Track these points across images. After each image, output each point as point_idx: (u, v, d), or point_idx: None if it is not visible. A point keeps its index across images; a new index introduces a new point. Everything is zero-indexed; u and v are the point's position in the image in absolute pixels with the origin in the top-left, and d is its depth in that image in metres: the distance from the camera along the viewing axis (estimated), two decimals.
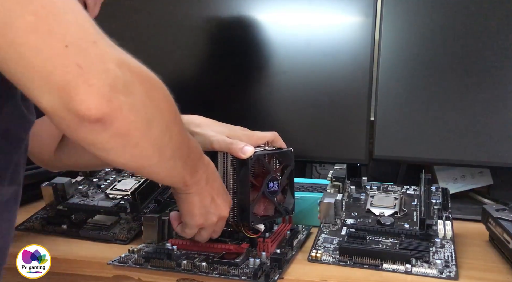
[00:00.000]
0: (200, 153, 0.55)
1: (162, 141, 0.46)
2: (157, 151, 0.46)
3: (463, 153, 0.86)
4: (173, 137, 0.47)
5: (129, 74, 0.40)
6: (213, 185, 0.57)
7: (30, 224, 0.75)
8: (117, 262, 0.60)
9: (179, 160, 0.50)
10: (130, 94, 0.40)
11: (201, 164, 0.55)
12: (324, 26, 0.95)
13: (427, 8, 0.90)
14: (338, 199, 0.69)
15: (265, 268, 0.56)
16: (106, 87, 0.38)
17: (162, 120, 0.45)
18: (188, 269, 0.58)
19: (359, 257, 0.60)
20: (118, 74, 0.39)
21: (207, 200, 0.57)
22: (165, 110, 0.45)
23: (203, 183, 0.56)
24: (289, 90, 0.95)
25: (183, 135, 0.50)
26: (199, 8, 1.00)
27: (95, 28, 0.39)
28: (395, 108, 0.90)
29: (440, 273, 0.57)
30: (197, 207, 0.57)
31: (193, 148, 0.53)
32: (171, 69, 1.01)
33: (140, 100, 0.41)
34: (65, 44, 0.36)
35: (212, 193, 0.57)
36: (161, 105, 0.44)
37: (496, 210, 0.67)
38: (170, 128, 0.46)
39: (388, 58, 0.91)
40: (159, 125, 0.44)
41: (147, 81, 0.43)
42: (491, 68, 0.87)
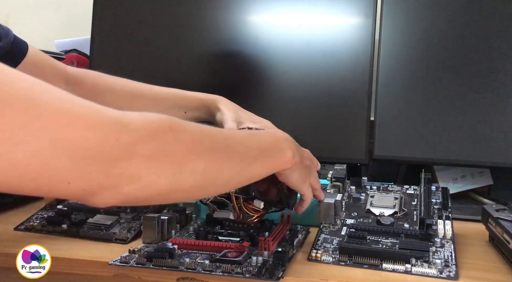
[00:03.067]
0: (264, 140, 0.54)
1: (210, 176, 0.45)
2: (211, 183, 0.46)
3: (463, 153, 0.86)
4: (222, 166, 0.46)
5: (140, 160, 0.39)
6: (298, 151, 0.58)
7: (30, 224, 0.75)
8: (119, 262, 0.60)
9: (248, 163, 0.50)
10: (147, 177, 0.39)
11: (273, 145, 0.55)
12: (324, 26, 0.95)
13: (427, 9, 0.91)
14: (337, 199, 0.69)
15: (269, 266, 0.56)
16: (116, 195, 0.38)
17: (197, 167, 0.44)
18: (191, 268, 0.58)
19: (359, 257, 0.60)
20: (123, 172, 0.38)
21: (299, 161, 0.58)
22: (196, 158, 0.44)
23: (293, 155, 0.56)
24: (289, 90, 0.95)
25: (233, 150, 0.49)
26: (200, 9, 1.00)
27: (93, 139, 0.36)
28: (395, 108, 0.90)
29: (440, 273, 0.56)
30: (299, 172, 0.58)
31: (253, 145, 0.52)
32: (171, 69, 1.01)
33: (164, 170, 0.40)
34: (68, 182, 0.36)
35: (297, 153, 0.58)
36: (188, 156, 0.43)
37: (496, 210, 0.67)
38: (213, 164, 0.45)
39: (388, 58, 0.91)
40: (197, 171, 0.43)
41: (163, 148, 0.41)
42: (491, 68, 0.87)
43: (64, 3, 1.32)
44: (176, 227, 0.71)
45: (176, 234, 0.70)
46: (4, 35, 0.72)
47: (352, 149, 0.92)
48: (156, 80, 1.00)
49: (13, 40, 0.73)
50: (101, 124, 0.36)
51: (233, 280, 0.56)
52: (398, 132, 0.90)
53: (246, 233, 0.66)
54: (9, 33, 0.74)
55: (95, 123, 0.36)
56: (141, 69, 1.02)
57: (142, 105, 0.81)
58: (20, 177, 0.33)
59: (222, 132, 0.50)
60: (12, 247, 0.65)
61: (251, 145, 0.52)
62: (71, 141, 0.34)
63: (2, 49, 0.71)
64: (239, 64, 0.98)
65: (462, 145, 0.87)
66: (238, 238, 0.66)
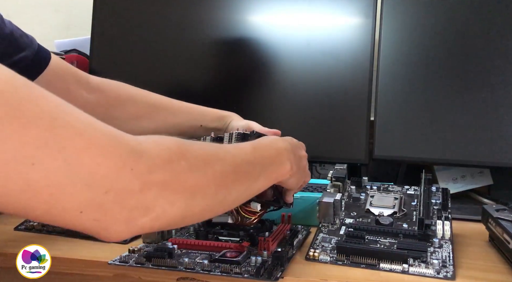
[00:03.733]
0: (263, 155, 0.55)
1: (219, 199, 0.46)
2: (220, 204, 0.47)
3: (463, 153, 0.86)
4: (230, 187, 0.47)
5: (154, 191, 0.38)
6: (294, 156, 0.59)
7: (30, 224, 0.75)
8: (118, 262, 0.60)
9: (253, 180, 0.51)
10: (161, 207, 0.39)
11: (275, 158, 0.56)
12: (324, 27, 0.96)
13: (427, 9, 0.91)
14: (337, 199, 0.69)
15: (267, 266, 0.56)
16: (131, 228, 0.38)
17: (208, 192, 0.44)
18: (190, 268, 0.58)
19: (357, 256, 0.60)
20: (138, 204, 0.37)
21: (296, 169, 0.59)
22: (208, 183, 0.44)
23: (291, 167, 0.57)
24: (289, 90, 0.95)
25: (238, 170, 0.49)
26: (200, 9, 1.00)
27: (108, 167, 0.35)
28: (395, 108, 0.90)
29: (437, 273, 0.56)
30: (295, 178, 0.60)
31: (258, 161, 0.53)
32: (171, 69, 1.01)
33: (177, 198, 0.40)
34: (80, 210, 0.35)
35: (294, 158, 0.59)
36: (200, 183, 0.43)
37: (496, 210, 0.67)
38: (222, 187, 0.46)
39: (388, 58, 0.91)
40: (208, 195, 0.44)
41: (175, 175, 0.41)
42: (491, 68, 0.87)
43: (64, 3, 1.33)
44: None
45: (176, 234, 0.70)
46: (29, 44, 0.73)
47: (352, 149, 0.92)
48: (156, 80, 1.01)
49: (37, 49, 0.74)
50: (117, 152, 0.36)
51: (232, 280, 0.56)
52: (398, 132, 0.90)
53: (246, 233, 0.66)
54: (33, 42, 0.74)
55: (111, 151, 0.36)
56: (141, 69, 1.02)
57: (161, 117, 0.83)
58: (33, 199, 0.33)
59: (230, 152, 0.49)
60: (12, 247, 0.65)
61: (256, 162, 0.52)
62: (87, 167, 0.34)
63: (26, 58, 0.72)
64: (239, 64, 0.98)
65: (462, 145, 0.87)
66: (238, 238, 0.66)
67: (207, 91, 1.01)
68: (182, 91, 1.00)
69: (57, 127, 0.33)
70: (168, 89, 0.97)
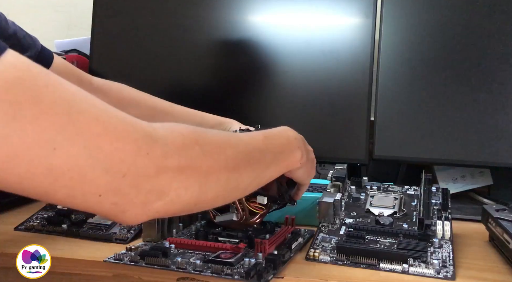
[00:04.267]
0: (273, 144, 0.55)
1: (232, 185, 0.47)
2: (232, 191, 0.48)
3: (463, 153, 0.86)
4: (242, 174, 0.48)
5: (169, 175, 0.39)
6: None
7: (30, 224, 0.75)
8: (113, 260, 0.61)
9: (264, 167, 0.52)
10: (176, 191, 0.40)
11: (286, 146, 0.56)
12: (324, 27, 0.95)
13: (427, 9, 0.90)
14: (337, 199, 0.69)
15: (259, 268, 0.56)
16: (147, 211, 0.39)
17: (221, 177, 0.45)
18: (182, 267, 0.58)
19: (357, 256, 0.60)
20: (154, 188, 0.38)
21: (305, 159, 0.60)
22: (221, 168, 0.45)
23: (301, 155, 0.58)
24: (289, 90, 0.95)
25: (249, 157, 0.49)
26: (200, 9, 1.00)
27: (125, 151, 0.36)
28: (395, 108, 0.90)
29: (437, 273, 0.56)
30: (305, 168, 0.60)
31: (269, 149, 0.53)
32: (171, 69, 1.01)
33: (192, 183, 0.41)
34: (99, 194, 0.36)
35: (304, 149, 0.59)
36: (213, 167, 0.44)
37: (496, 210, 0.67)
38: (235, 173, 0.46)
39: (388, 58, 0.91)
40: (221, 181, 0.45)
41: (189, 164, 0.41)
42: (491, 68, 0.87)
43: (64, 3, 1.32)
44: (178, 226, 0.71)
45: (177, 234, 0.70)
46: (32, 45, 0.74)
47: (352, 149, 0.92)
48: (156, 80, 1.01)
49: (40, 50, 0.74)
50: (133, 137, 0.37)
51: (223, 281, 0.56)
52: (398, 132, 0.90)
53: (245, 235, 0.66)
54: (36, 42, 0.75)
55: (127, 136, 0.36)
56: (141, 69, 1.02)
57: (162, 121, 0.83)
58: (55, 183, 0.34)
59: (242, 140, 0.50)
60: (12, 247, 0.65)
61: (267, 149, 0.53)
62: (105, 151, 0.35)
63: (30, 58, 0.72)
64: (239, 64, 0.98)
65: (462, 145, 0.86)
66: (237, 239, 0.66)
67: (207, 91, 1.01)
68: (182, 92, 1.01)
69: (74, 113, 0.34)
70: (168, 89, 0.97)
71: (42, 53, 0.74)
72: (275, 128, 0.60)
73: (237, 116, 0.95)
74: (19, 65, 0.33)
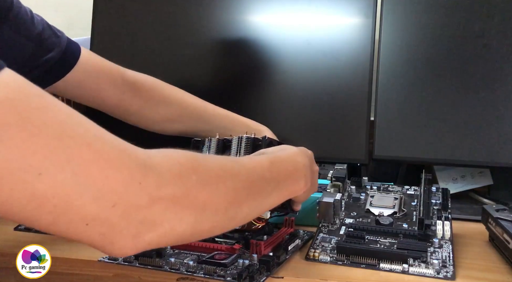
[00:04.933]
0: (274, 169, 0.52)
1: (230, 215, 0.45)
2: (230, 221, 0.45)
3: (463, 153, 0.86)
4: (242, 204, 0.46)
5: (163, 206, 0.37)
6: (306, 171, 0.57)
7: None
8: (108, 259, 0.61)
9: (266, 196, 0.50)
10: (169, 223, 0.38)
11: (291, 175, 0.54)
12: (324, 26, 0.95)
13: (427, 9, 0.90)
14: (337, 199, 0.69)
15: (251, 270, 0.55)
16: (137, 243, 0.37)
17: (219, 208, 0.43)
18: (175, 268, 0.58)
19: (357, 256, 0.60)
20: (145, 219, 0.36)
21: (309, 186, 0.58)
22: (219, 200, 0.42)
23: (305, 184, 0.57)
24: (289, 90, 0.95)
25: (251, 186, 0.47)
26: (200, 9, 1.00)
27: (116, 180, 0.34)
28: (395, 108, 0.90)
29: (437, 273, 0.57)
30: (307, 193, 0.59)
31: (273, 176, 0.51)
32: (171, 69, 1.01)
33: (186, 214, 0.39)
34: (86, 223, 0.34)
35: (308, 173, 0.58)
36: (210, 199, 0.41)
37: (496, 210, 0.67)
38: (234, 203, 0.44)
39: (388, 58, 0.91)
40: (218, 212, 0.42)
41: (189, 188, 0.39)
42: (491, 68, 0.87)
43: (64, 3, 1.32)
44: None
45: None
46: (57, 44, 0.72)
47: (352, 149, 0.92)
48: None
49: (65, 49, 0.73)
50: (126, 164, 0.35)
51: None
52: (398, 132, 0.90)
53: (242, 236, 0.65)
54: (62, 40, 0.73)
55: (119, 163, 0.35)
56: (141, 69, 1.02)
57: (193, 122, 0.83)
58: (39, 209, 0.32)
59: (245, 167, 0.48)
60: (12, 247, 0.65)
61: (271, 178, 0.51)
62: (94, 179, 0.33)
63: (53, 59, 0.71)
64: (239, 64, 0.98)
65: (462, 145, 0.86)
66: (234, 240, 0.65)
67: (207, 91, 1.00)
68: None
69: (65, 137, 0.33)
70: None
71: (66, 52, 0.72)
72: (283, 150, 0.58)
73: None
74: (13, 85, 0.32)
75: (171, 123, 0.83)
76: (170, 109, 0.82)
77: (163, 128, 0.84)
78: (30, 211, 0.33)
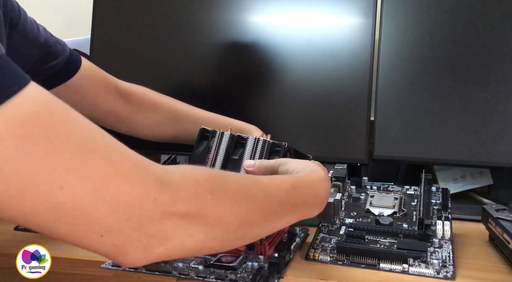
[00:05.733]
0: (291, 193, 0.51)
1: (240, 234, 0.45)
2: (240, 239, 0.46)
3: (463, 153, 0.86)
4: (254, 224, 0.46)
5: (175, 221, 0.38)
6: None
7: None
8: (110, 266, 0.60)
9: (279, 218, 0.49)
10: (180, 237, 0.39)
11: (309, 201, 0.54)
12: (324, 27, 0.95)
13: (427, 9, 0.90)
14: (337, 199, 0.69)
15: (263, 273, 0.55)
16: (148, 255, 0.38)
17: (230, 227, 0.43)
18: (184, 273, 0.57)
19: (357, 256, 0.60)
20: (157, 233, 0.37)
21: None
22: (232, 219, 0.43)
23: (319, 210, 0.56)
24: (289, 90, 0.95)
25: (265, 207, 0.47)
26: (200, 9, 1.00)
27: (132, 195, 0.35)
28: (395, 108, 0.90)
29: (437, 273, 0.57)
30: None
31: (291, 201, 0.50)
32: (171, 69, 1.01)
33: (198, 230, 0.40)
34: (101, 234, 0.35)
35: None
36: (224, 218, 0.42)
37: (496, 210, 0.67)
38: (246, 224, 0.44)
39: (388, 58, 0.91)
40: (229, 230, 0.43)
41: (203, 206, 0.40)
42: (491, 68, 0.87)
43: (64, 3, 1.33)
44: None
45: None
46: (61, 52, 0.74)
47: (352, 149, 0.92)
48: (156, 80, 1.01)
49: (68, 56, 0.75)
50: (143, 181, 0.36)
51: None
52: (398, 132, 0.90)
53: None
54: (65, 48, 0.75)
55: (137, 179, 0.36)
56: (141, 69, 1.02)
57: (182, 125, 0.84)
58: (57, 220, 0.34)
59: (264, 190, 0.48)
60: (12, 247, 0.65)
61: (288, 202, 0.50)
62: (112, 193, 0.34)
63: (57, 65, 0.73)
64: (239, 64, 0.98)
65: (462, 145, 0.86)
66: None
67: (207, 91, 1.01)
68: (182, 92, 1.00)
69: (87, 152, 0.34)
70: (168, 90, 0.97)
71: (70, 59, 0.75)
72: (315, 171, 0.57)
73: (237, 115, 0.95)
74: (39, 99, 0.33)
75: (160, 127, 0.85)
76: (159, 114, 0.84)
77: (153, 133, 0.85)
78: (49, 222, 0.34)
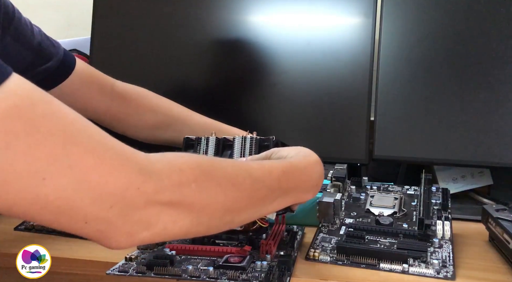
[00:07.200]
0: (278, 179, 0.50)
1: (227, 220, 0.45)
2: (227, 225, 0.46)
3: (463, 153, 0.86)
4: (242, 210, 0.46)
5: (158, 209, 0.38)
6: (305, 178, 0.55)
7: (30, 224, 0.75)
8: (117, 271, 0.59)
9: (268, 203, 0.49)
10: (164, 224, 0.39)
11: (303, 185, 0.54)
12: (324, 27, 0.95)
13: (427, 9, 0.90)
14: (337, 199, 0.69)
15: (275, 271, 0.55)
16: (131, 240, 0.39)
17: (216, 214, 0.43)
18: (194, 276, 0.56)
19: (357, 256, 0.60)
20: (141, 219, 0.38)
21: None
22: (217, 207, 0.43)
23: (313, 194, 0.56)
24: (289, 90, 0.95)
25: (252, 193, 0.47)
26: (200, 9, 1.00)
27: (115, 185, 0.36)
28: (395, 108, 0.90)
29: (437, 273, 0.57)
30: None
31: (282, 185, 0.50)
32: (171, 69, 1.01)
33: (182, 217, 0.40)
34: (85, 221, 0.36)
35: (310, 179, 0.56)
36: (209, 206, 0.42)
37: (496, 210, 0.67)
38: (233, 210, 0.45)
39: (388, 58, 0.91)
40: (215, 217, 0.43)
41: (187, 193, 0.40)
42: (491, 68, 0.87)
43: (64, 3, 1.32)
44: None
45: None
46: (55, 54, 0.74)
47: (352, 149, 0.92)
48: (155, 80, 1.01)
49: (62, 58, 0.74)
50: (126, 171, 0.37)
51: None
52: (398, 132, 0.90)
53: (244, 237, 0.64)
54: (59, 50, 0.75)
55: (120, 169, 0.36)
56: (141, 69, 1.02)
57: (178, 129, 0.83)
58: (41, 210, 0.34)
59: (252, 176, 0.47)
60: (12, 247, 0.65)
61: (279, 187, 0.50)
62: (95, 184, 0.35)
63: (51, 68, 0.73)
64: (239, 64, 0.98)
65: (462, 145, 0.86)
66: (237, 241, 0.64)
67: (207, 91, 1.01)
68: (182, 92, 1.00)
69: (69, 145, 0.34)
70: (168, 90, 0.97)
71: (64, 61, 0.75)
72: (308, 155, 0.56)
73: (236, 116, 0.96)
74: (20, 92, 0.33)
75: (157, 130, 0.84)
76: (157, 117, 0.83)
77: (149, 136, 0.85)
78: (34, 211, 0.34)
